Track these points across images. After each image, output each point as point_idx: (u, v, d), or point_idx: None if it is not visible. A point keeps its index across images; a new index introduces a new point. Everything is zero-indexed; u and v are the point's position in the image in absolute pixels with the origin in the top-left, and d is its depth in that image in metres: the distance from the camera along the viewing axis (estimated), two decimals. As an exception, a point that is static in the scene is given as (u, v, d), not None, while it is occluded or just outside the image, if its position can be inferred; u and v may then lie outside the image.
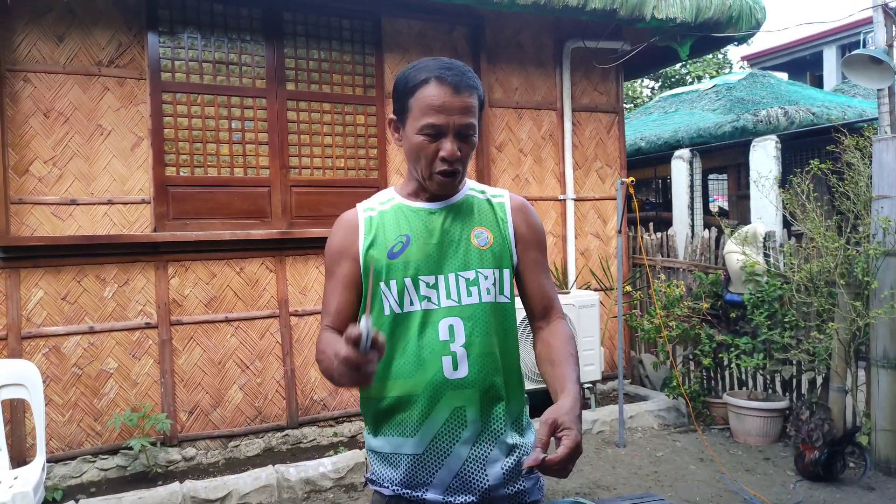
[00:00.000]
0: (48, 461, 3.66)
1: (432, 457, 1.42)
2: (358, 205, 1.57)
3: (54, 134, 3.79)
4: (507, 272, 1.51)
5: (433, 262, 1.45)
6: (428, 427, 1.42)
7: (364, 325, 1.15)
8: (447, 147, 1.39)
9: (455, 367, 1.42)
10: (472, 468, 1.43)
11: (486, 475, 1.44)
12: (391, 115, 1.49)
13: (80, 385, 3.86)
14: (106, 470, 3.89)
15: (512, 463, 1.47)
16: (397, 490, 1.45)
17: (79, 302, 3.85)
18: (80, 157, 3.85)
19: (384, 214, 1.51)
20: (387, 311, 1.45)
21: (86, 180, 3.86)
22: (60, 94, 3.80)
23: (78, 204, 3.84)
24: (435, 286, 1.44)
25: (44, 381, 3.49)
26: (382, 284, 1.44)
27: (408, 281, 1.43)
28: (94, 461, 3.87)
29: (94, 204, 3.88)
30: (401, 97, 1.43)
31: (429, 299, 1.44)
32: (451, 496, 1.43)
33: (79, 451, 3.84)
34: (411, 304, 1.44)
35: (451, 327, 1.43)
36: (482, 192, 1.57)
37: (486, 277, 1.47)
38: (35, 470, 2.84)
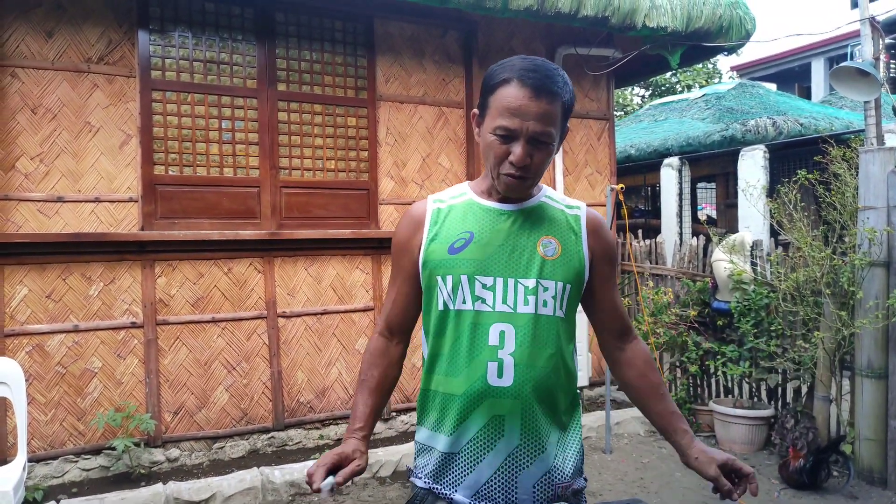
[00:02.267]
0: (29, 461, 3.61)
1: (465, 459, 1.42)
2: (430, 196, 1.56)
3: (42, 130, 3.75)
4: (570, 287, 1.45)
5: (493, 263, 1.42)
6: (464, 429, 1.41)
7: (326, 483, 1.32)
8: (517, 152, 1.35)
9: (500, 375, 1.39)
10: (503, 479, 1.40)
11: (516, 488, 1.41)
12: (475, 110, 1.45)
13: (64, 384, 3.81)
14: (88, 470, 3.85)
15: (545, 482, 1.42)
16: (429, 483, 1.46)
17: (64, 300, 3.81)
18: (67, 154, 3.81)
19: (453, 208, 1.49)
20: (440, 307, 1.44)
21: (73, 177, 3.83)
22: (49, 91, 3.77)
23: (65, 201, 3.80)
24: (492, 288, 1.41)
25: (26, 380, 3.46)
26: (438, 278, 1.43)
27: (464, 278, 1.41)
28: (76, 461, 3.83)
29: (81, 201, 3.84)
30: (483, 93, 1.41)
31: (483, 300, 1.41)
32: (479, 501, 1.41)
33: (61, 451, 3.79)
34: (464, 302, 1.41)
35: (501, 333, 1.39)
36: (558, 202, 1.53)
37: (545, 289, 1.42)
38: (16, 469, 2.80)
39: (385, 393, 1.55)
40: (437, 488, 1.44)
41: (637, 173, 9.12)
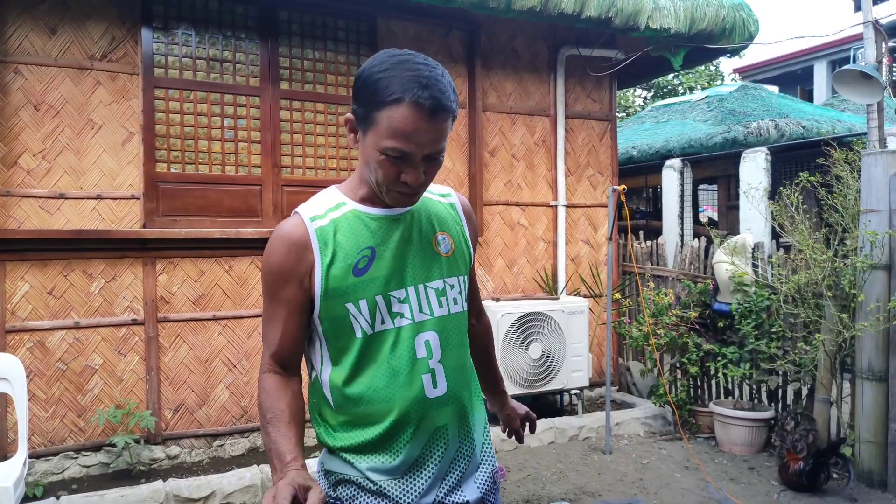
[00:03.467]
0: (29, 457, 3.62)
1: (414, 480, 1.36)
2: (299, 211, 1.35)
3: (44, 127, 3.76)
4: (465, 279, 1.44)
5: (401, 274, 1.34)
6: (409, 450, 1.34)
7: None
8: (411, 174, 1.25)
9: (434, 385, 1.34)
10: (451, 487, 1.39)
11: (464, 493, 1.41)
12: (349, 114, 1.30)
13: (65, 380, 3.82)
14: (88, 467, 3.85)
15: (485, 476, 1.46)
16: None
17: (65, 296, 3.82)
18: (69, 151, 3.82)
19: (338, 224, 1.33)
20: (358, 334, 1.32)
21: (75, 174, 3.83)
22: (52, 87, 3.77)
23: (66, 198, 3.81)
24: (406, 300, 1.34)
25: (27, 376, 3.46)
26: (350, 305, 1.30)
27: (379, 299, 1.31)
28: (76, 458, 3.83)
29: (83, 198, 3.85)
30: (365, 103, 1.24)
31: (401, 315, 1.33)
32: None
33: (61, 448, 3.80)
34: (383, 322, 1.32)
35: (427, 343, 1.34)
36: (433, 193, 1.46)
37: (451, 287, 1.40)
38: (16, 465, 2.80)
39: (300, 424, 1.33)
40: None
41: (639, 175, 9.12)
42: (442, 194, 1.49)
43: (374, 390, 1.32)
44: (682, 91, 16.90)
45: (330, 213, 1.34)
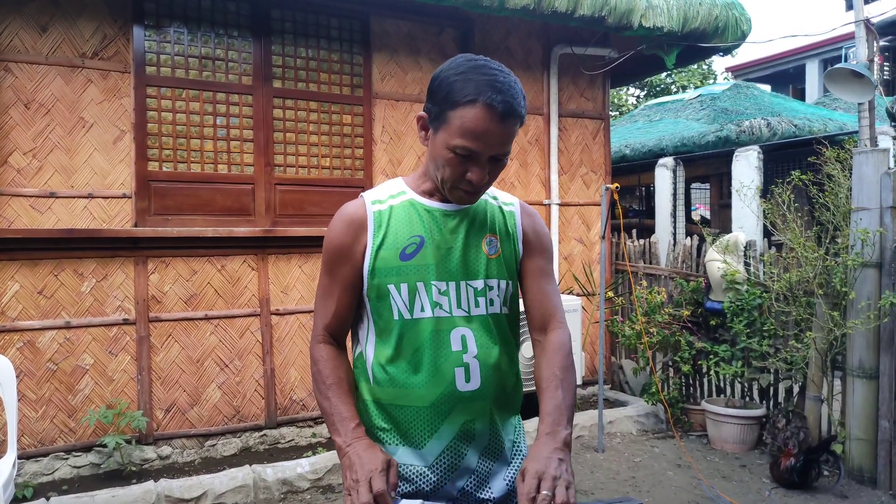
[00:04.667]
0: (19, 458, 3.59)
1: (439, 469, 1.39)
2: (364, 195, 1.45)
3: (35, 125, 3.73)
4: (510, 284, 1.46)
5: (446, 267, 1.38)
6: (437, 440, 1.38)
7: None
8: (477, 173, 1.31)
9: (467, 380, 1.37)
10: (477, 481, 1.42)
11: (491, 488, 1.43)
12: (422, 112, 1.36)
13: (55, 381, 3.79)
14: (79, 467, 3.83)
15: (511, 476, 1.46)
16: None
17: (55, 296, 3.79)
18: (60, 150, 3.79)
19: (394, 210, 1.41)
20: (395, 316, 1.38)
21: (66, 173, 3.81)
22: (42, 85, 3.74)
23: (57, 197, 3.78)
24: (447, 293, 1.38)
25: (17, 377, 3.43)
26: (392, 287, 1.37)
27: (420, 285, 1.37)
28: (66, 458, 3.81)
29: (74, 197, 3.82)
30: (440, 102, 1.30)
31: (440, 306, 1.38)
32: None
33: (51, 448, 3.77)
34: (422, 309, 1.37)
35: (462, 337, 1.38)
36: (494, 198, 1.51)
37: (491, 288, 1.42)
38: (6, 466, 2.78)
39: (354, 392, 1.45)
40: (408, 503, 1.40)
41: (632, 173, 9.14)
42: (505, 202, 1.51)
43: (408, 374, 1.38)
44: (674, 90, 16.93)
45: (390, 199, 1.43)
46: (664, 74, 16.17)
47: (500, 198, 1.52)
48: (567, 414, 1.34)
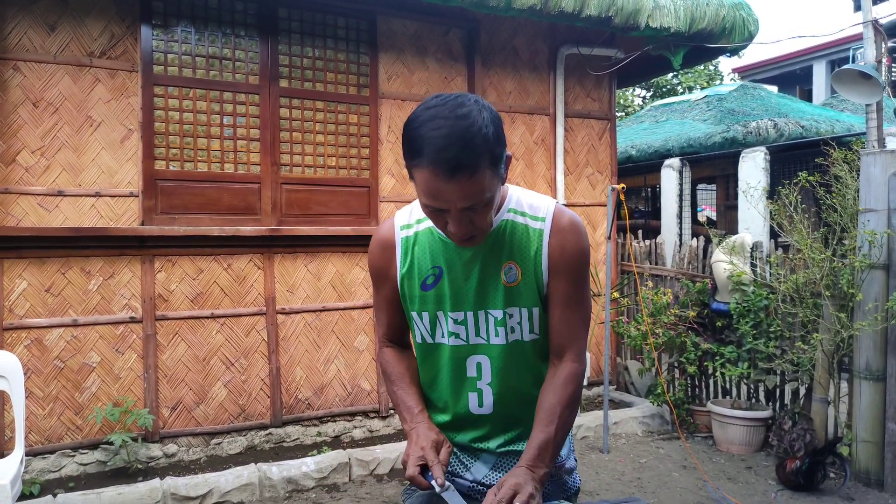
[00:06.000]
0: (26, 454, 3.61)
1: (449, 480, 1.45)
2: (396, 218, 1.48)
3: (43, 124, 3.75)
4: (535, 310, 1.41)
5: (463, 297, 1.41)
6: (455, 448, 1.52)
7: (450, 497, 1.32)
8: (453, 225, 1.26)
9: (480, 404, 1.47)
10: (484, 494, 1.49)
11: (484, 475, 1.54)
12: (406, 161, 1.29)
13: (62, 378, 3.81)
14: (85, 465, 3.84)
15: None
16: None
17: (63, 294, 3.81)
18: (68, 149, 3.81)
19: (419, 237, 1.44)
20: (419, 339, 1.49)
21: (74, 172, 3.82)
22: (50, 84, 3.76)
23: (65, 195, 3.80)
24: (464, 322, 1.42)
25: (25, 374, 3.45)
26: (415, 314, 1.46)
27: (440, 314, 1.43)
28: (73, 455, 3.83)
29: (82, 196, 3.84)
30: (405, 157, 1.26)
31: (457, 335, 1.44)
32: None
33: (58, 445, 3.79)
34: (442, 336, 1.45)
35: (478, 365, 1.45)
36: (523, 214, 1.40)
37: (511, 316, 1.41)
38: (13, 463, 2.80)
39: (419, 384, 1.55)
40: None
41: (637, 174, 9.12)
42: (534, 218, 1.39)
43: (430, 389, 1.54)
44: (681, 90, 16.89)
45: (416, 224, 1.46)
46: (670, 75, 16.14)
47: (531, 212, 1.40)
48: (552, 452, 1.35)
